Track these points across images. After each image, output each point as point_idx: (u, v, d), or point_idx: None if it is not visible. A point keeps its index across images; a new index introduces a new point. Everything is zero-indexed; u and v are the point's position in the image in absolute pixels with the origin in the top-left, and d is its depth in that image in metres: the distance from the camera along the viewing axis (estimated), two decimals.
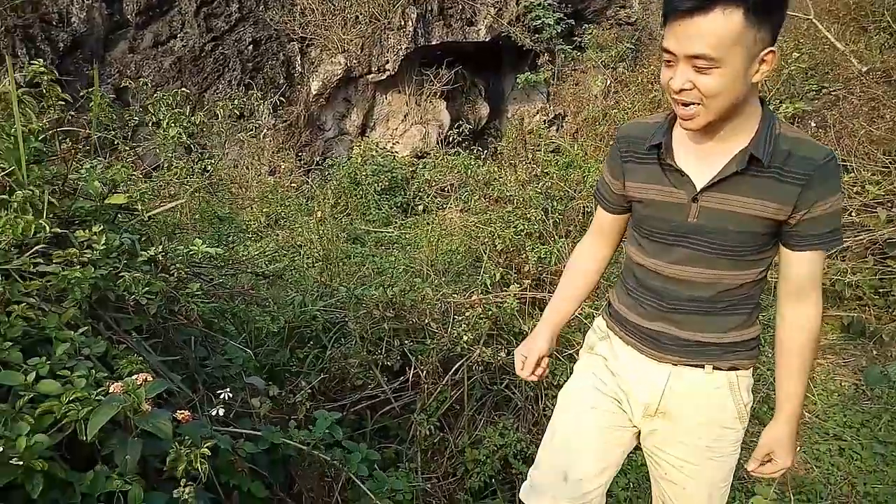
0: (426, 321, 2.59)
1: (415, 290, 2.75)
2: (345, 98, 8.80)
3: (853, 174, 3.86)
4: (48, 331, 1.31)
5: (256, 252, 4.51)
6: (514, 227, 3.33)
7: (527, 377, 1.75)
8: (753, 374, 1.58)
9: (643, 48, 8.23)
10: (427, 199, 5.22)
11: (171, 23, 8.32)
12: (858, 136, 3.94)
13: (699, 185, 1.39)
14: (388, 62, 8.23)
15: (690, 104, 1.28)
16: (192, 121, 2.79)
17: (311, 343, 2.71)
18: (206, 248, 1.72)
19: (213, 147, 7.00)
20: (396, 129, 9.02)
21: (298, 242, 5.08)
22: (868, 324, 4.11)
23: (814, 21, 5.68)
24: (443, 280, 3.38)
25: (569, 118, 9.02)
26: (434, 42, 8.22)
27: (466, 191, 4.22)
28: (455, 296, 2.80)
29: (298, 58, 8.55)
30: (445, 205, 5.14)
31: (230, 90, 8.27)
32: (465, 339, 2.47)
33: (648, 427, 1.60)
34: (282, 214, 6.02)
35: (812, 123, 4.78)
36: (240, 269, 2.78)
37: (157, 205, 1.92)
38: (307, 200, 6.61)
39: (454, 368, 2.51)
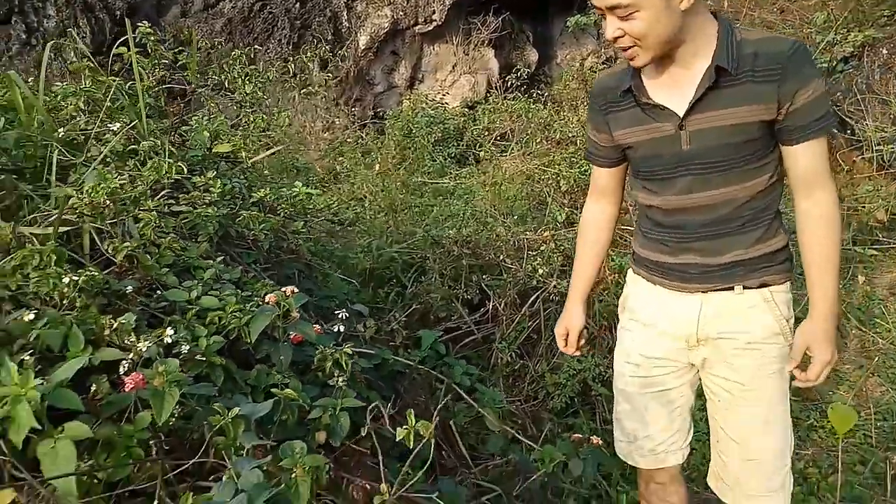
0: (501, 257, 2.70)
1: (488, 230, 2.86)
2: (392, 51, 8.80)
3: None
4: (190, 260, 1.48)
5: (323, 205, 4.68)
6: (579, 168, 3.38)
7: (571, 353, 1.82)
8: (791, 289, 1.57)
9: None
10: (487, 146, 5.27)
11: None
12: None
13: (680, 112, 1.42)
14: (435, 12, 8.17)
15: (628, 48, 1.36)
16: (266, 78, 2.92)
17: (393, 282, 2.87)
18: (308, 190, 1.86)
19: (268, 105, 7.17)
20: (445, 80, 9.00)
21: (360, 195, 5.24)
22: None
23: None
24: (509, 222, 3.47)
25: (620, 60, 8.82)
26: None
27: (526, 135, 4.26)
28: (528, 233, 2.90)
29: (345, 13, 8.57)
30: (505, 151, 5.19)
31: (280, 49, 8.40)
32: (540, 273, 2.58)
33: (698, 358, 1.61)
34: (341, 168, 6.18)
35: (884, 51, 4.60)
36: (321, 216, 2.94)
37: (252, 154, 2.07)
38: (363, 154, 6.74)
39: (530, 300, 2.63)
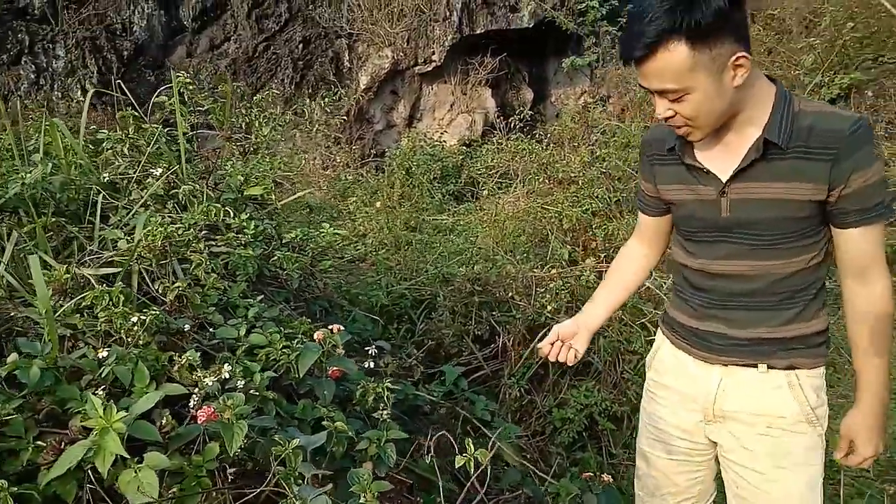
0: (510, 294, 2.80)
1: (497, 267, 2.97)
2: (392, 91, 9.04)
3: None
4: (233, 300, 1.57)
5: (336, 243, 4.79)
6: (581, 206, 3.51)
7: (543, 354, 1.68)
8: (825, 374, 1.48)
9: None
10: (490, 185, 5.42)
11: (225, 26, 8.68)
12: None
13: (724, 179, 1.38)
14: (435, 53, 8.42)
15: (681, 126, 1.34)
16: (283, 120, 3.05)
17: (403, 319, 2.96)
18: (335, 231, 1.96)
19: (268, 145, 7.34)
20: (443, 119, 9.22)
21: (363, 232, 5.36)
22: None
23: None
24: (514, 259, 3.58)
25: (613, 100, 9.08)
26: (478, 31, 8.38)
27: (528, 174, 4.41)
28: (536, 270, 3.01)
29: (346, 53, 8.82)
30: (504, 189, 5.34)
31: (283, 88, 8.61)
32: (549, 309, 2.68)
33: (715, 435, 1.54)
34: (344, 206, 6.31)
35: (869, 93, 4.81)
36: (335, 255, 3.04)
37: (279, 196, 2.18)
38: (364, 192, 6.88)
39: (539, 336, 2.72)
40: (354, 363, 1.48)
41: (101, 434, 0.95)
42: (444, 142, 8.42)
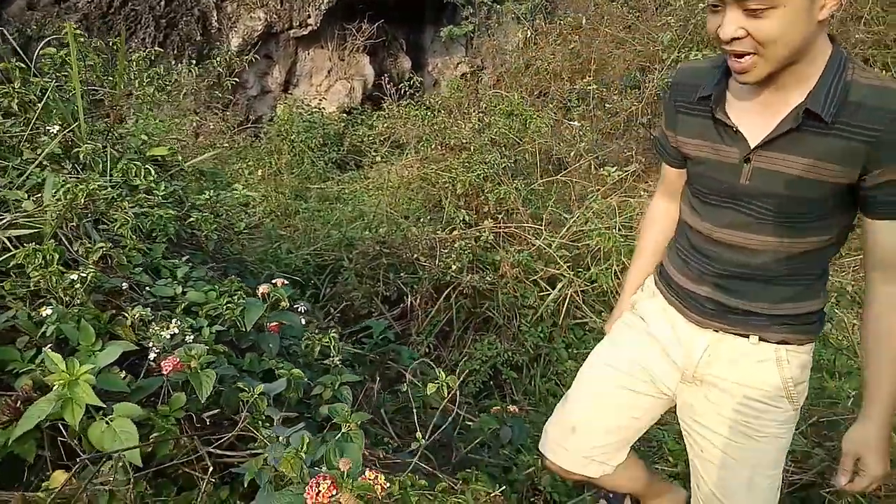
0: (416, 256, 2.89)
1: (401, 230, 3.03)
2: (266, 55, 8.68)
3: None
4: (156, 261, 1.51)
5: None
6: (474, 172, 3.65)
7: None
8: (813, 351, 1.44)
9: None
10: (382, 150, 5.43)
11: None
12: None
13: (753, 144, 1.24)
14: (311, 17, 8.18)
15: (745, 54, 1.12)
16: (169, 80, 2.87)
17: (308, 285, 2.95)
18: (247, 192, 1.93)
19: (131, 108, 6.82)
20: (321, 85, 9.02)
21: (245, 201, 5.19)
22: None
23: None
24: (416, 222, 3.67)
25: (488, 70, 9.34)
26: None
27: (421, 141, 4.48)
28: (439, 232, 3.11)
29: (214, 13, 8.32)
30: (396, 156, 5.39)
31: (144, 48, 7.98)
32: (454, 269, 2.80)
33: (684, 397, 1.49)
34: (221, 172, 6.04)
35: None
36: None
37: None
38: (243, 160, 6.62)
39: (444, 294, 2.84)
40: (298, 317, 1.50)
41: (70, 387, 0.92)
42: (324, 108, 8.26)
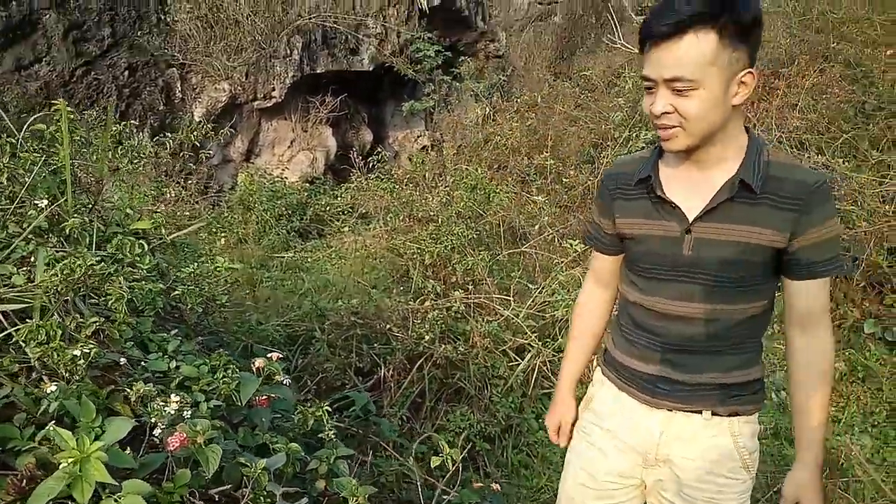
0: (389, 326, 2.91)
1: (373, 300, 3.06)
2: (229, 124, 8.78)
3: None
4: (145, 334, 1.51)
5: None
6: (443, 243, 3.74)
7: (564, 444, 1.73)
8: (759, 419, 1.50)
9: (515, 79, 9.05)
10: (350, 221, 5.50)
11: (36, 46, 7.88)
12: None
13: (691, 217, 1.35)
14: (275, 89, 8.36)
15: (671, 127, 1.28)
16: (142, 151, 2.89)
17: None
18: (228, 265, 1.94)
19: (91, 178, 6.77)
20: (283, 155, 9.13)
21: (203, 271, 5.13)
22: None
23: None
24: (379, 293, 3.70)
25: (448, 143, 9.65)
26: (319, 70, 8.49)
27: (389, 213, 4.58)
28: (411, 303, 3.15)
29: (179, 84, 8.43)
30: (362, 226, 5.46)
31: (105, 117, 7.98)
32: (427, 339, 2.83)
33: (652, 477, 1.51)
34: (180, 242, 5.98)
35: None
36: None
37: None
38: (205, 229, 6.58)
39: (417, 365, 2.85)
40: (291, 391, 1.51)
41: (81, 464, 0.91)
42: (286, 178, 8.34)
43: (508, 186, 5.65)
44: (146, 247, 1.66)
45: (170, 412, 1.11)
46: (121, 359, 1.30)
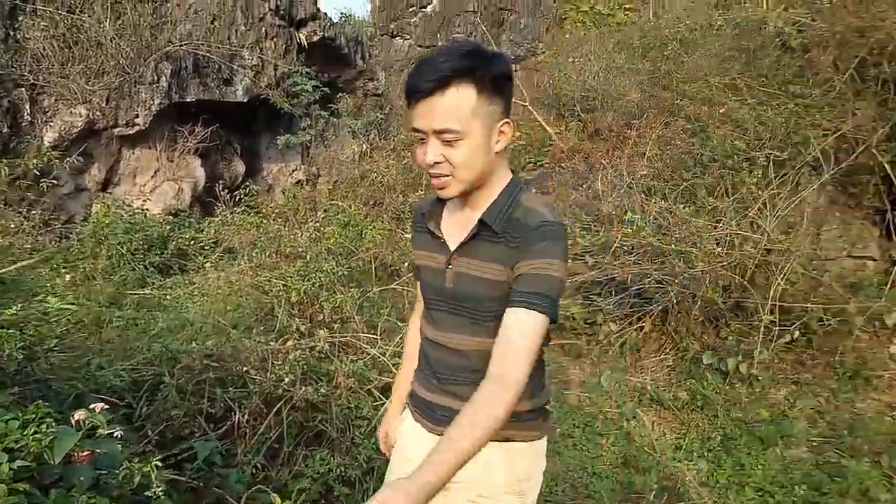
0: (246, 369, 2.78)
1: (231, 341, 2.92)
2: (85, 151, 8.17)
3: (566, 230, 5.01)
4: None
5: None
6: (310, 280, 3.66)
7: (388, 456, 1.77)
8: (544, 446, 1.55)
9: (393, 117, 9.19)
10: (213, 256, 5.24)
11: None
12: (568, 201, 5.12)
13: (451, 250, 1.47)
14: (139, 116, 7.92)
15: (443, 175, 1.37)
16: None
17: (121, 403, 2.71)
18: (62, 305, 1.77)
19: None
20: (146, 186, 8.61)
21: (46, 309, 4.69)
22: (582, 347, 5.23)
23: (529, 107, 7.09)
24: (240, 333, 3.55)
25: (324, 178, 9.56)
26: (189, 99, 8.16)
27: (255, 248, 4.42)
28: (272, 343, 3.03)
29: (28, 105, 7.76)
30: (227, 262, 5.23)
31: None
32: (287, 381, 2.73)
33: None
34: (22, 278, 5.43)
35: (533, 190, 5.98)
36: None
37: None
38: (50, 264, 6.03)
39: (275, 409, 2.74)
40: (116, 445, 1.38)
41: None
42: (147, 210, 7.85)
43: (383, 223, 5.68)
44: None
45: None
46: None
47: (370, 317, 4.05)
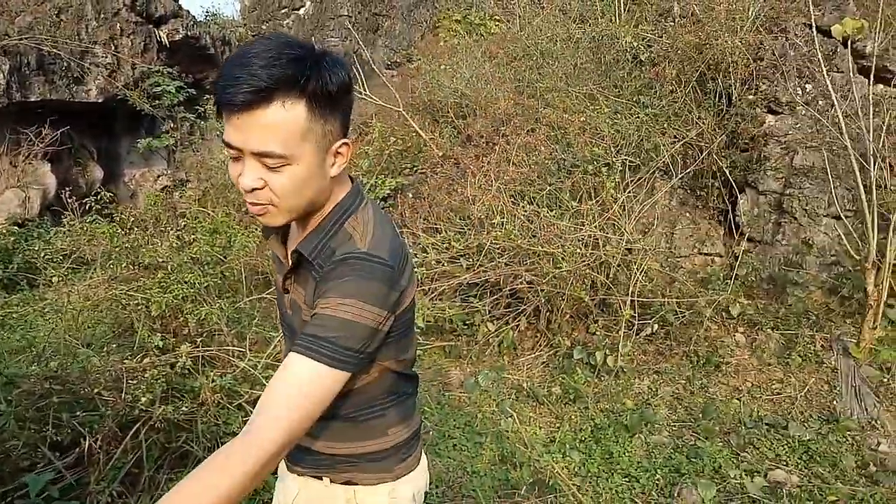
0: (97, 390, 2.56)
1: (79, 361, 2.68)
2: None
3: (442, 234, 5.08)
4: None
5: None
6: (172, 292, 3.45)
7: None
8: (409, 486, 1.39)
9: None
10: (60, 270, 4.79)
11: None
12: (443, 206, 5.20)
13: (286, 273, 1.29)
14: None
15: (262, 204, 1.12)
16: None
17: None
18: None
19: None
20: None
21: None
22: (461, 348, 5.33)
23: (402, 112, 7.12)
24: (95, 351, 3.28)
25: (192, 184, 9.08)
26: (34, 99, 7.45)
27: (109, 260, 4.09)
28: (126, 361, 2.82)
29: None
30: (79, 275, 4.81)
31: None
32: (144, 401, 2.55)
33: None
34: None
35: (409, 194, 6.02)
36: None
37: None
38: None
39: (132, 432, 2.56)
40: None
41: None
42: None
43: (256, 229, 5.47)
44: None
45: None
46: None
47: (241, 328, 3.89)
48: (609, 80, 5.98)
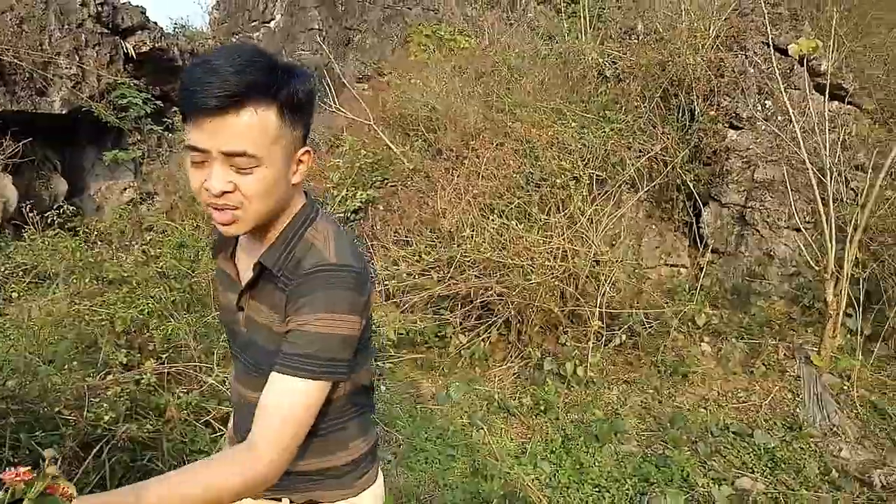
0: (57, 409, 2.50)
1: (38, 380, 2.62)
2: None
3: (413, 247, 5.10)
4: None
5: None
6: (136, 307, 3.39)
7: None
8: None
9: None
10: (20, 287, 4.67)
11: None
12: (413, 218, 5.21)
13: (241, 289, 1.27)
14: None
15: (229, 209, 1.12)
16: None
17: None
18: None
19: None
20: None
21: None
22: (433, 360, 5.32)
23: (373, 126, 7.14)
24: (56, 369, 3.20)
25: (160, 197, 8.95)
26: None
27: (72, 275, 4.00)
28: (89, 378, 2.76)
29: None
30: (40, 291, 4.69)
31: None
32: (107, 419, 2.50)
33: None
34: None
35: (380, 207, 6.02)
36: None
37: None
38: None
39: (94, 452, 2.50)
40: None
41: None
42: None
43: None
44: None
45: None
46: None
47: (209, 343, 3.84)
48: (576, 96, 6.09)
